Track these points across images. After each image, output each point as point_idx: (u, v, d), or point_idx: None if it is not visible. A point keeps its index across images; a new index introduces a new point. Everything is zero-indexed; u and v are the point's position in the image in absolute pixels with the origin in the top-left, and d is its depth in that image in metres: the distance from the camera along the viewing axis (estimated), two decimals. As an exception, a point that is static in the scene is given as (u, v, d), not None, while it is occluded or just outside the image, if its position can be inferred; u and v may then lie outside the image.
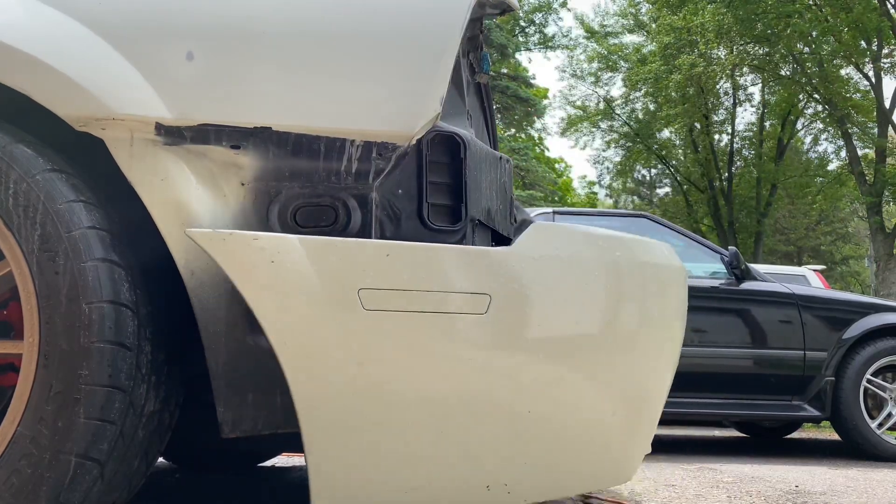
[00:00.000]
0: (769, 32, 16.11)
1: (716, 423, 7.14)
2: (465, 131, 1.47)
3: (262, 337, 1.31)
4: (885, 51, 16.47)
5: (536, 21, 23.71)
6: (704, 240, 5.12)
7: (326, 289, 1.22)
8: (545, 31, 23.91)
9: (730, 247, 4.87)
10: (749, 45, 17.15)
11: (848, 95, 16.76)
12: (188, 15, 1.40)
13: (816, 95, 17.21)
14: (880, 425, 4.47)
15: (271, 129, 1.34)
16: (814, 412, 4.46)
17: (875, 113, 16.35)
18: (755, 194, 20.42)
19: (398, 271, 1.25)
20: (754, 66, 17.98)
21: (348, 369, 1.22)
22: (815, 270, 8.78)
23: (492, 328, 1.29)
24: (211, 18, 1.40)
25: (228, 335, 1.29)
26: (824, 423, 6.16)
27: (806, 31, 15.69)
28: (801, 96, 18.49)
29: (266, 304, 1.20)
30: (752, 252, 19.61)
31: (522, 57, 24.06)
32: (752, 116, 25.18)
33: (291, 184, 1.36)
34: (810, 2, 15.57)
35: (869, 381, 4.48)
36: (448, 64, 1.39)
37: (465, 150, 1.42)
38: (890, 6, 15.23)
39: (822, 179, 20.11)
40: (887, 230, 15.49)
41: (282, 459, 3.23)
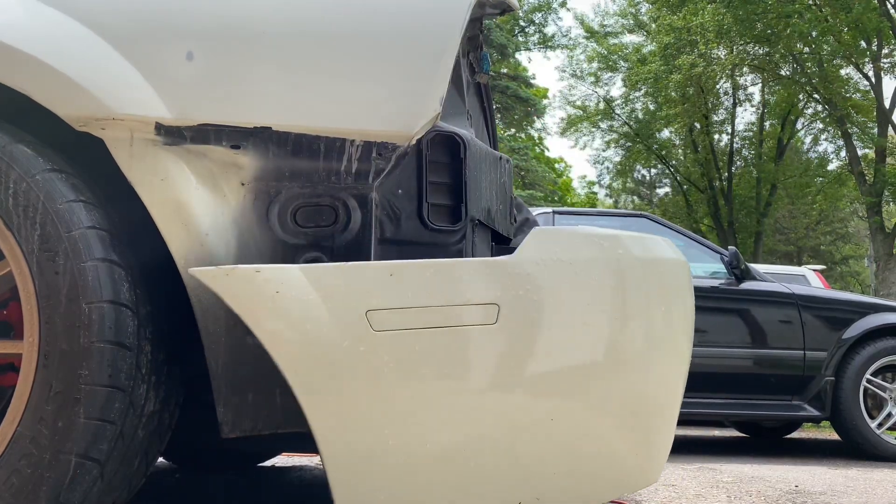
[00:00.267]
0: (769, 32, 16.10)
1: (716, 423, 7.14)
2: (465, 131, 1.47)
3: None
4: (885, 51, 16.47)
5: (536, 21, 23.71)
6: (704, 240, 5.12)
7: (334, 315, 1.21)
8: (545, 30, 23.92)
9: (730, 247, 4.87)
10: (749, 45, 17.13)
11: (848, 95, 16.76)
12: (188, 15, 1.40)
13: (816, 95, 17.20)
14: (880, 425, 4.47)
15: (271, 129, 1.34)
16: (814, 412, 4.46)
17: (875, 113, 16.36)
18: (755, 194, 20.42)
19: (403, 289, 1.24)
20: (754, 66, 17.97)
21: (364, 393, 1.22)
22: (814, 270, 8.78)
23: (504, 338, 1.28)
24: (211, 18, 1.40)
25: (228, 335, 1.29)
26: (824, 423, 6.16)
27: (806, 31, 15.68)
28: (801, 96, 18.49)
29: (275, 336, 1.19)
30: (752, 252, 19.61)
31: (522, 57, 24.10)
32: (752, 116, 25.17)
33: (291, 184, 1.36)
34: (810, 2, 15.57)
35: (869, 380, 4.48)
36: (448, 64, 1.39)
37: (465, 150, 1.42)
38: (890, 6, 15.23)
39: (822, 179, 20.11)
40: (887, 230, 15.49)
41: (282, 459, 3.23)
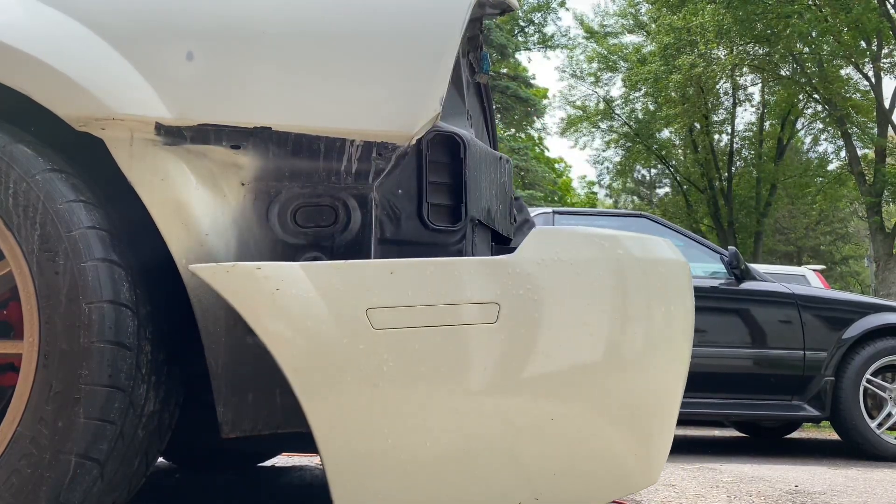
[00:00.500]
0: (769, 32, 16.09)
1: (716, 422, 7.14)
2: (465, 131, 1.47)
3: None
4: (885, 51, 16.48)
5: (535, 21, 23.71)
6: (704, 240, 5.12)
7: (334, 312, 1.21)
8: (544, 30, 23.91)
9: (729, 247, 4.87)
10: (749, 46, 17.13)
11: (848, 95, 16.75)
12: (188, 15, 1.40)
13: (816, 95, 17.20)
14: (880, 425, 4.47)
15: (271, 129, 1.34)
16: (813, 412, 4.46)
17: (875, 113, 16.36)
18: (755, 194, 20.42)
19: (404, 288, 1.24)
20: (754, 67, 17.97)
21: (364, 391, 1.21)
22: (814, 270, 8.78)
23: (504, 337, 1.28)
24: (211, 18, 1.40)
25: (228, 335, 1.29)
26: (824, 423, 6.16)
27: (805, 31, 15.68)
28: (801, 96, 18.48)
29: (274, 334, 1.19)
30: (752, 252, 19.61)
31: (522, 56, 24.08)
32: (751, 116, 25.19)
33: (291, 184, 1.36)
34: (810, 2, 15.56)
35: (868, 380, 4.48)
36: (448, 64, 1.39)
37: (464, 150, 1.42)
38: (889, 6, 15.23)
39: (821, 179, 20.10)
40: (887, 230, 15.49)
41: (282, 459, 3.23)
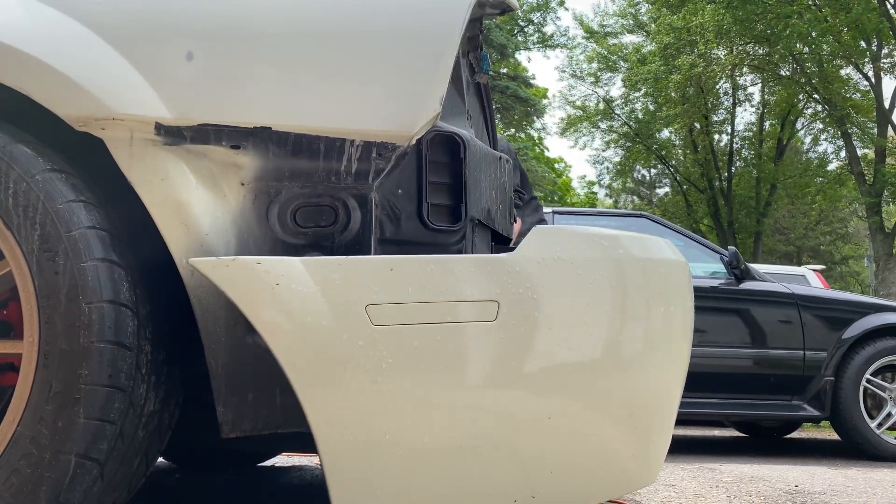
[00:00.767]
0: (769, 32, 16.10)
1: (716, 423, 7.14)
2: (465, 131, 1.47)
3: (261, 337, 1.31)
4: (885, 51, 16.48)
5: (535, 20, 23.71)
6: (704, 240, 5.12)
7: (333, 308, 1.21)
8: (544, 30, 23.91)
9: (729, 247, 4.87)
10: (749, 46, 17.14)
11: (848, 95, 16.76)
12: (188, 15, 1.40)
13: (816, 95, 17.20)
14: (880, 425, 4.47)
15: (271, 129, 1.34)
16: (813, 412, 4.46)
17: (875, 113, 16.36)
18: (755, 194, 20.43)
19: (404, 285, 1.24)
20: (754, 67, 17.97)
21: (363, 388, 1.21)
22: (814, 270, 8.79)
23: (503, 335, 1.28)
24: (211, 18, 1.40)
25: (228, 335, 1.29)
26: (824, 423, 6.16)
27: (805, 31, 15.68)
28: (801, 96, 18.49)
29: (274, 328, 1.19)
30: (752, 252, 19.61)
31: (522, 56, 24.08)
32: (751, 116, 25.19)
33: (291, 184, 1.36)
34: (810, 2, 15.56)
35: (868, 380, 4.48)
36: (448, 64, 1.39)
37: (464, 149, 1.42)
38: (889, 6, 15.23)
39: (821, 179, 20.11)
40: (887, 230, 15.49)
41: (282, 459, 3.23)
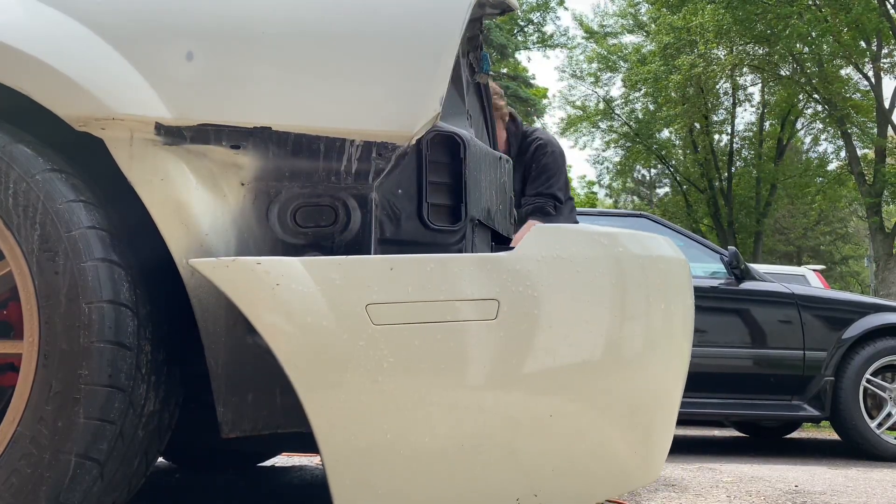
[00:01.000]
0: (769, 33, 16.10)
1: (716, 422, 7.14)
2: (465, 131, 1.47)
3: (261, 337, 1.31)
4: (885, 51, 16.48)
5: (535, 20, 23.70)
6: (704, 240, 5.12)
7: (334, 308, 1.21)
8: (543, 30, 23.90)
9: (729, 247, 4.87)
10: (749, 46, 17.13)
11: (848, 95, 16.75)
12: (188, 15, 1.40)
13: (816, 95, 17.19)
14: (880, 425, 4.47)
15: (271, 129, 1.34)
16: (813, 412, 4.46)
17: (875, 113, 16.36)
18: (755, 194, 20.42)
19: (404, 284, 1.24)
20: (754, 67, 17.97)
21: (364, 387, 1.21)
22: (814, 270, 8.79)
23: (504, 333, 1.28)
24: (211, 18, 1.40)
25: (228, 335, 1.29)
26: (824, 423, 6.15)
27: (805, 31, 15.68)
28: (801, 96, 18.48)
29: (274, 329, 1.19)
30: (752, 252, 19.61)
31: (522, 56, 24.07)
32: (751, 116, 25.16)
33: (291, 184, 1.36)
34: (809, 2, 15.56)
35: (868, 380, 4.48)
36: (448, 64, 1.39)
37: (464, 149, 1.42)
38: (889, 6, 15.23)
39: (821, 179, 20.11)
40: (887, 230, 15.49)
41: (282, 459, 3.23)
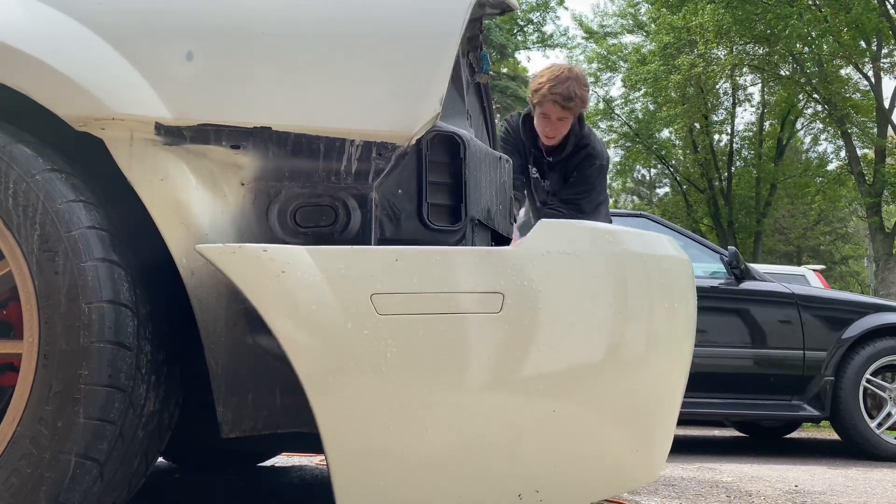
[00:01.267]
0: (769, 32, 16.10)
1: (716, 422, 7.14)
2: (465, 131, 1.47)
3: (262, 337, 1.31)
4: (885, 51, 16.48)
5: (534, 20, 23.70)
6: (704, 240, 5.12)
7: (339, 296, 1.21)
8: (543, 29, 23.91)
9: (729, 247, 4.87)
10: (748, 46, 17.13)
11: (848, 95, 16.75)
12: (188, 15, 1.40)
13: (816, 95, 17.19)
14: (880, 425, 4.47)
15: (271, 128, 1.34)
16: (813, 412, 4.46)
17: (875, 113, 16.35)
18: (755, 194, 20.42)
19: (409, 275, 1.24)
20: (754, 67, 17.96)
21: (367, 377, 1.21)
22: (814, 270, 8.78)
23: (508, 326, 1.28)
24: (210, 18, 1.40)
25: (228, 335, 1.29)
26: (824, 423, 6.15)
27: (805, 31, 15.68)
28: (801, 96, 18.48)
29: (279, 316, 1.19)
30: (752, 252, 19.61)
31: (521, 56, 24.08)
32: (751, 116, 25.20)
33: (291, 184, 1.36)
34: (809, 2, 15.56)
35: (868, 380, 4.48)
36: (448, 64, 1.39)
37: (464, 149, 1.42)
38: (889, 6, 15.23)
39: (821, 179, 20.12)
40: (886, 230, 15.49)
41: (282, 459, 3.23)
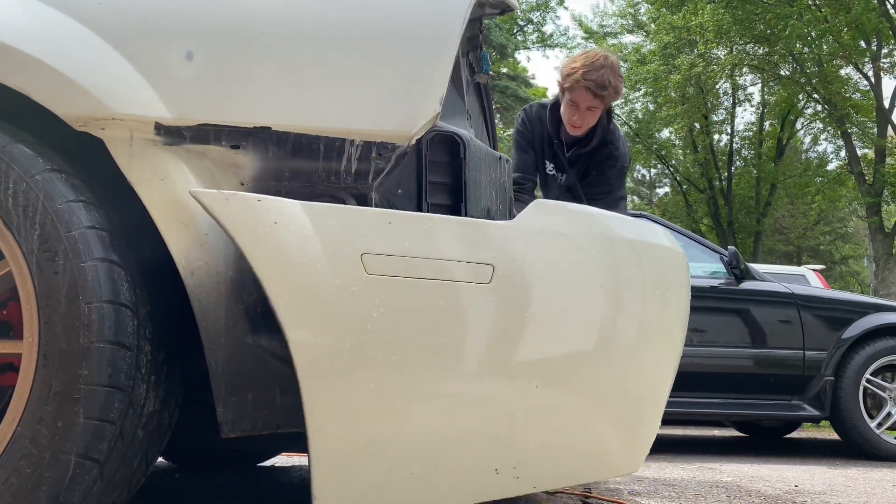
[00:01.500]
0: (768, 32, 16.10)
1: (716, 422, 7.14)
2: (465, 131, 1.47)
3: (262, 337, 1.31)
4: (885, 51, 16.48)
5: (534, 20, 23.70)
6: (704, 239, 5.12)
7: (329, 253, 1.21)
8: (543, 29, 23.91)
9: (729, 246, 4.87)
10: (748, 45, 17.13)
11: (847, 95, 16.75)
12: (187, 15, 1.40)
13: (816, 95, 17.19)
14: (879, 425, 4.47)
15: (271, 128, 1.34)
16: (813, 412, 4.46)
17: (875, 113, 16.35)
18: (754, 194, 20.42)
19: (400, 238, 1.25)
20: (754, 66, 17.96)
21: (353, 334, 1.21)
22: (814, 270, 8.79)
23: (496, 298, 1.29)
24: (210, 18, 1.40)
25: (228, 335, 1.29)
26: (824, 423, 6.16)
27: (805, 31, 15.68)
28: (801, 96, 18.48)
29: (268, 266, 1.19)
30: (752, 252, 19.61)
31: (521, 56, 24.08)
32: (751, 116, 25.20)
33: (291, 184, 1.36)
34: (809, 2, 15.56)
35: (868, 380, 4.48)
36: (447, 64, 1.39)
37: (464, 149, 1.42)
38: (889, 6, 15.23)
39: (821, 179, 20.11)
40: (886, 230, 15.49)
41: (282, 459, 3.23)
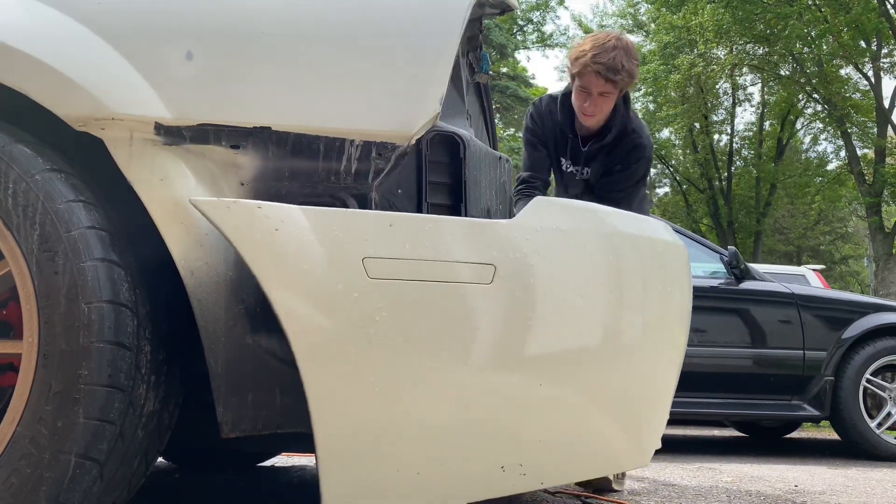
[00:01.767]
0: (768, 32, 16.10)
1: (716, 422, 7.14)
2: (465, 131, 1.47)
3: (262, 337, 1.31)
4: (885, 51, 16.48)
5: (534, 20, 23.71)
6: (704, 239, 5.12)
7: (330, 258, 1.21)
8: (543, 29, 23.92)
9: (729, 246, 4.87)
10: (748, 45, 17.14)
11: (847, 95, 16.75)
12: (187, 15, 1.40)
13: (816, 95, 17.19)
14: (879, 425, 4.47)
15: (271, 128, 1.34)
16: (813, 412, 4.46)
17: (874, 113, 16.36)
18: (754, 194, 20.42)
19: (401, 241, 1.25)
20: (753, 66, 17.97)
21: (356, 339, 1.21)
22: (814, 270, 8.78)
23: (498, 298, 1.29)
24: (210, 18, 1.40)
25: (228, 335, 1.29)
26: (824, 423, 6.15)
27: (805, 32, 15.68)
28: (801, 96, 18.48)
29: (270, 273, 1.19)
30: (752, 252, 19.60)
31: (521, 56, 24.09)
32: (751, 116, 25.21)
33: (291, 184, 1.36)
34: (809, 2, 15.56)
35: (868, 380, 4.48)
36: (447, 64, 1.39)
37: (464, 149, 1.42)
38: (889, 6, 15.23)
39: (821, 179, 20.12)
40: (886, 230, 15.49)
41: (282, 459, 3.23)
